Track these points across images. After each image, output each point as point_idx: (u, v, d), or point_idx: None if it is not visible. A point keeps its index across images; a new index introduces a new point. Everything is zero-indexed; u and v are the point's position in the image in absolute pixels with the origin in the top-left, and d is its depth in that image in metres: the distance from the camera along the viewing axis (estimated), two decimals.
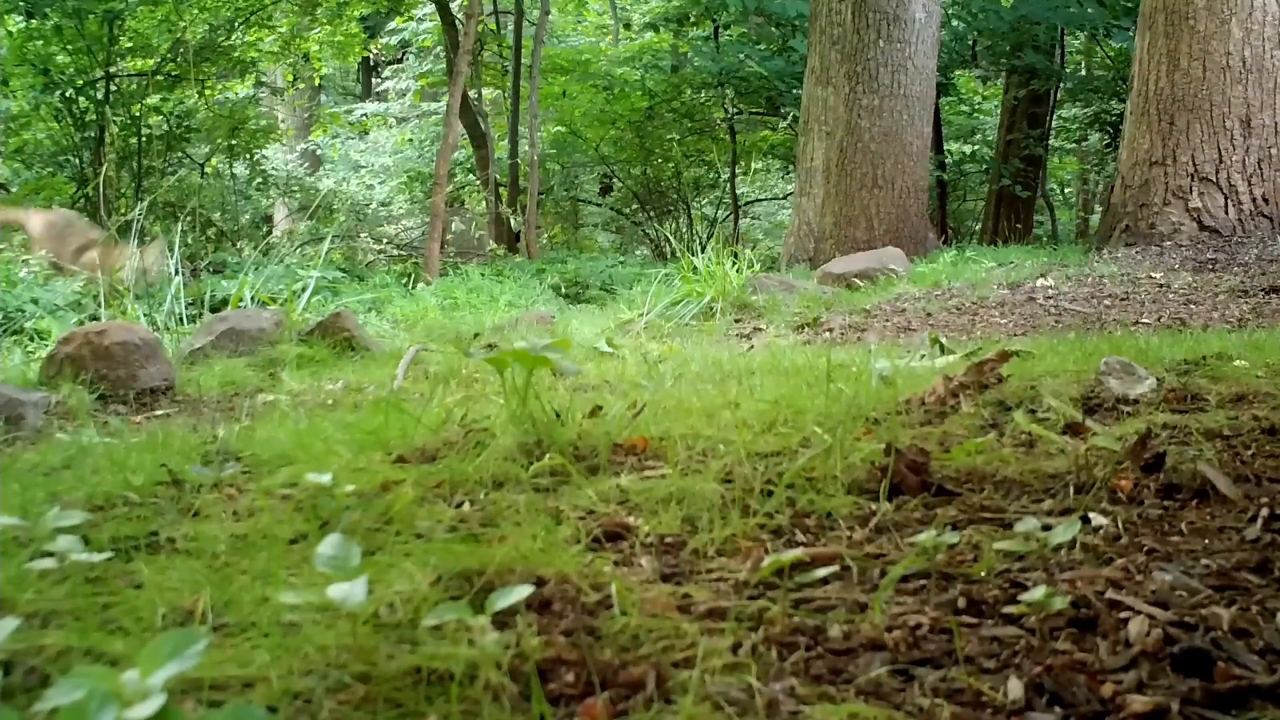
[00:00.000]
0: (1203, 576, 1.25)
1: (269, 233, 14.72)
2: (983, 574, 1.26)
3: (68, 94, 12.22)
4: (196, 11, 13.05)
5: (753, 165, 16.81)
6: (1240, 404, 2.18)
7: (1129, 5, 11.79)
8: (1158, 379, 2.39)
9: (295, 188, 16.84)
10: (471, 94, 15.24)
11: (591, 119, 15.62)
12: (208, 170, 14.56)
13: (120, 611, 1.21)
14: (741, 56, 13.91)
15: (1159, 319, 5.38)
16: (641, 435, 1.92)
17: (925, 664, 1.06)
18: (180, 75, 12.88)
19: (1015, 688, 1.00)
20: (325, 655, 1.06)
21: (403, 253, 16.72)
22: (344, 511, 1.55)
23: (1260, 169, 7.79)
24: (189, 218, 10.64)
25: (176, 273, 6.05)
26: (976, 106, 16.50)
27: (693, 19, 15.05)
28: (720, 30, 15.10)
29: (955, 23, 13.51)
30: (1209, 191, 7.81)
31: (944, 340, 3.49)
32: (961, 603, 1.19)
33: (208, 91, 14.10)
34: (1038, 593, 1.11)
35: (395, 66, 20.44)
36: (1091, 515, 1.46)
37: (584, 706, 0.97)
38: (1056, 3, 12.48)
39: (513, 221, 14.07)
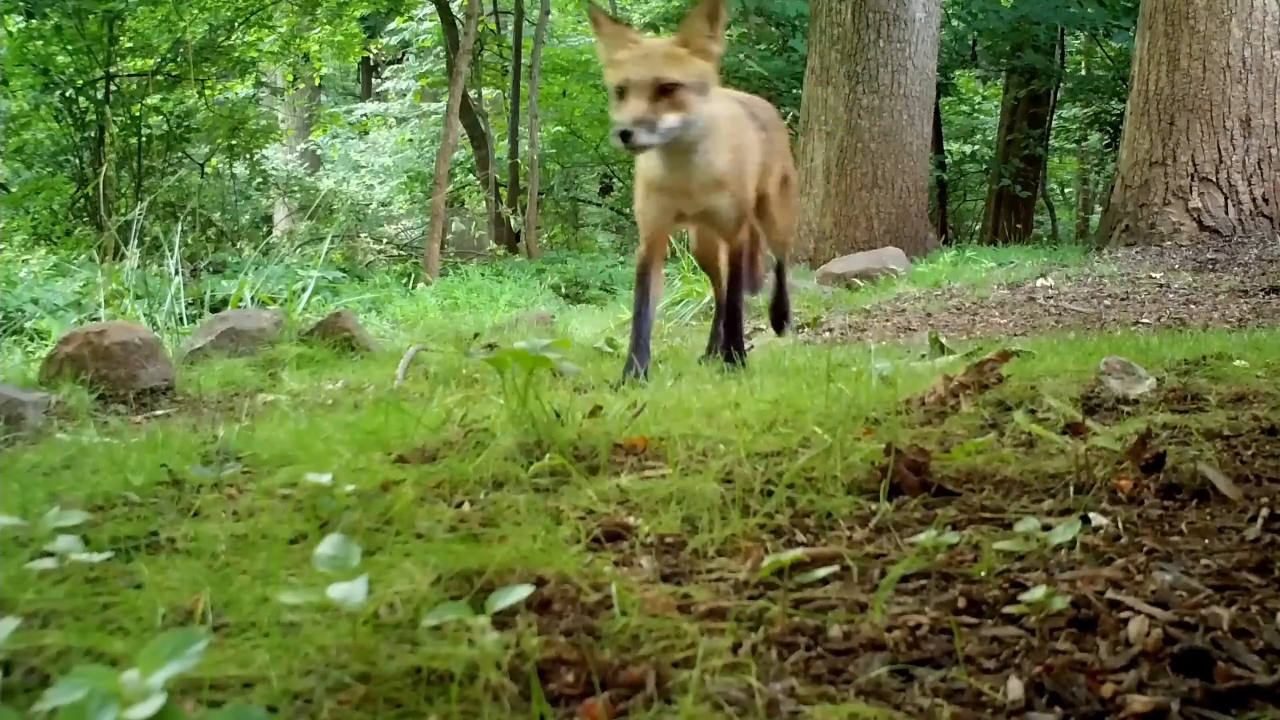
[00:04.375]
0: (1203, 576, 1.25)
1: (269, 233, 14.72)
2: (983, 574, 1.26)
3: (68, 94, 12.22)
4: (196, 11, 13.06)
5: None
6: (1240, 404, 2.18)
7: (1129, 5, 11.79)
8: (1158, 379, 2.39)
9: (295, 188, 16.84)
10: (471, 94, 15.24)
11: (591, 119, 15.61)
12: (208, 170, 14.56)
13: (120, 611, 1.21)
14: (741, 56, 13.91)
15: (1159, 319, 5.38)
16: (641, 435, 1.92)
17: (925, 664, 1.06)
18: (180, 75, 12.89)
19: (1015, 688, 0.99)
20: (325, 655, 1.05)
21: (403, 253, 16.73)
22: (344, 511, 1.55)
23: (1260, 169, 7.79)
24: (189, 218, 10.64)
25: (176, 273, 6.05)
26: (976, 106, 16.50)
27: None
28: None
29: (955, 23, 13.52)
30: (1209, 191, 7.81)
31: (944, 340, 3.49)
32: (961, 603, 1.19)
33: (208, 91, 14.11)
34: (1038, 593, 1.11)
35: (395, 66, 20.45)
36: (1091, 515, 1.46)
37: (584, 706, 0.97)
38: (1056, 3, 12.48)
39: (513, 221, 14.07)
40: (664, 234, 3.49)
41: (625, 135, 2.98)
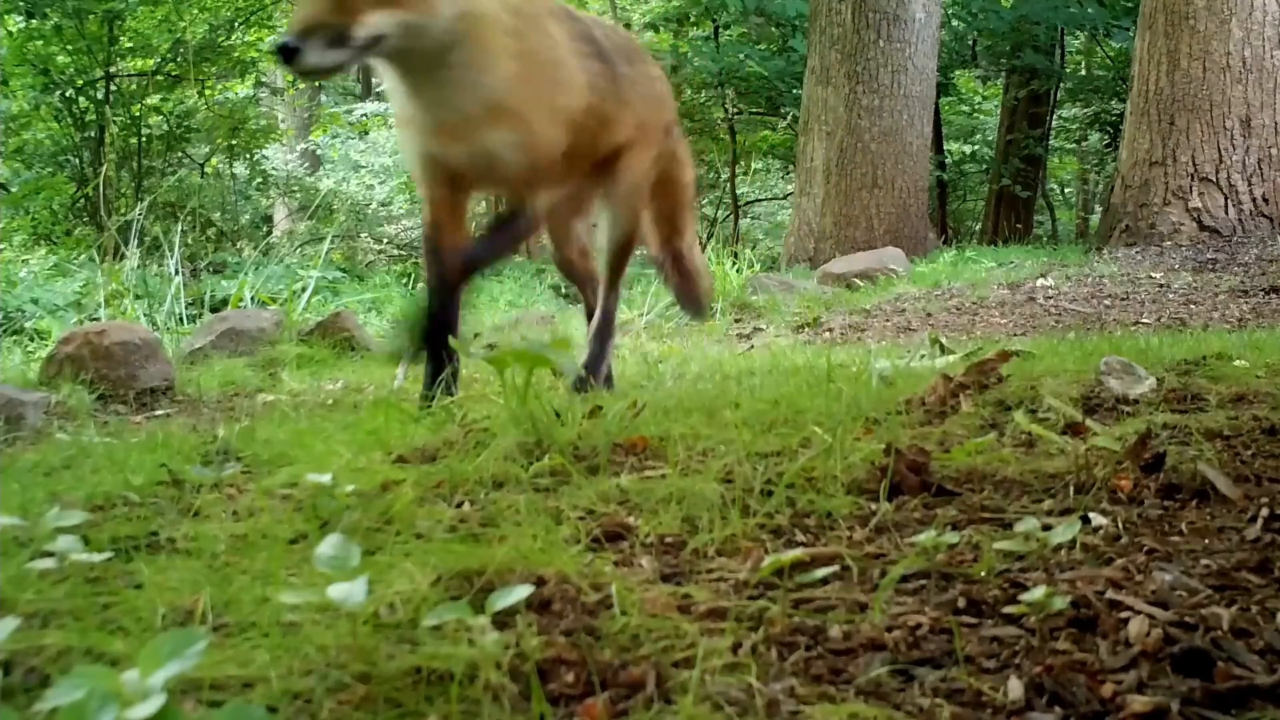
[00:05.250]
0: (1203, 576, 1.25)
1: (269, 233, 14.72)
2: (983, 574, 1.26)
3: (68, 94, 12.22)
4: (196, 11, 13.05)
5: (753, 165, 16.81)
6: (1240, 404, 2.18)
7: (1129, 5, 11.80)
8: (1158, 379, 2.39)
9: (295, 188, 16.84)
10: None
11: None
12: (208, 170, 14.56)
13: (120, 611, 1.21)
14: (741, 56, 13.91)
15: (1159, 319, 5.38)
16: (641, 435, 1.92)
17: (925, 664, 1.06)
18: (180, 75, 12.88)
19: (1015, 688, 0.99)
20: (325, 655, 1.05)
21: (403, 253, 16.72)
22: (344, 511, 1.55)
23: (1260, 169, 7.79)
24: (189, 218, 10.64)
25: (176, 273, 6.05)
26: (976, 106, 16.50)
27: (693, 19, 15.04)
28: (720, 30, 15.10)
29: (955, 23, 13.52)
30: (1209, 191, 7.81)
31: (944, 340, 3.49)
32: (961, 603, 1.19)
33: (208, 91, 14.10)
34: (1038, 593, 1.11)
35: None
36: (1091, 515, 1.46)
37: (584, 706, 0.97)
38: (1056, 3, 12.48)
39: None
40: (444, 199, 2.40)
41: (285, 51, 1.92)
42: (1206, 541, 1.37)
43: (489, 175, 2.35)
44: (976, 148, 16.38)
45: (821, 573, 1.27)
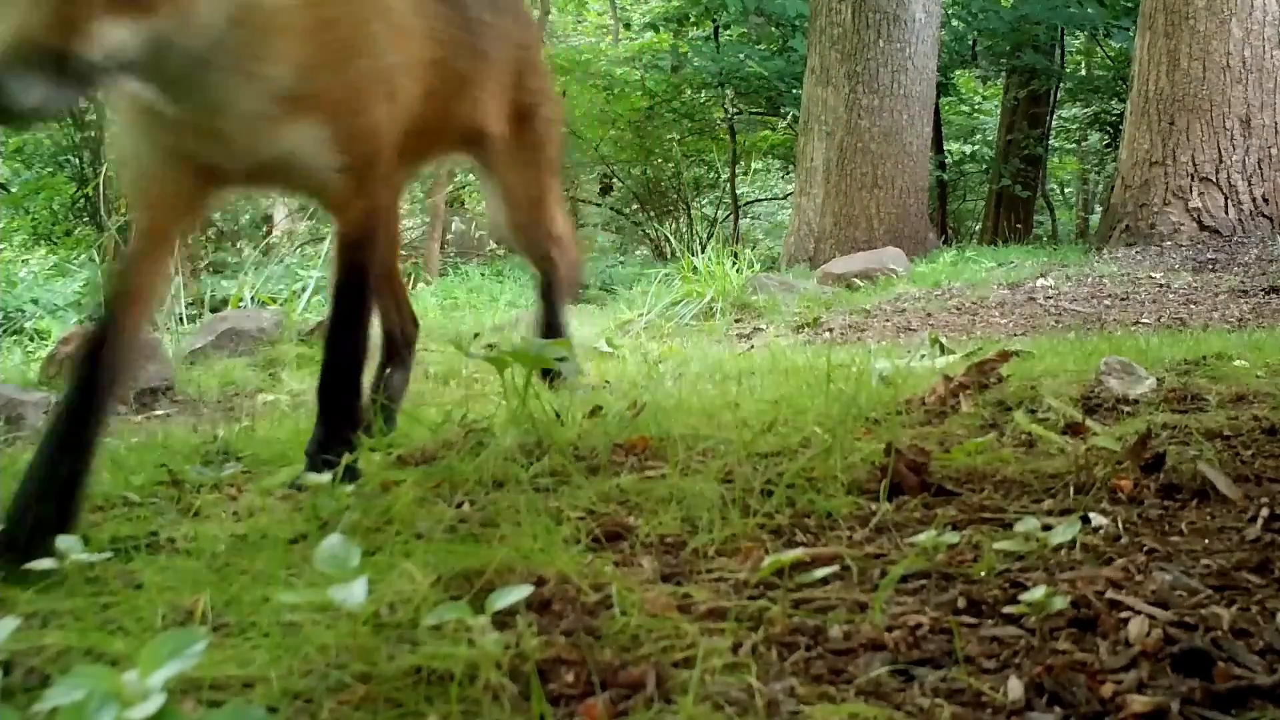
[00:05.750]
0: (1203, 576, 1.25)
1: (269, 233, 14.71)
2: (983, 574, 1.26)
3: None
4: None
5: (753, 165, 16.81)
6: (1240, 404, 2.18)
7: (1129, 5, 11.80)
8: (1158, 379, 2.39)
9: None
10: None
11: (591, 119, 15.60)
12: None
13: (120, 611, 1.21)
14: (741, 56, 13.92)
15: (1159, 319, 5.38)
16: (641, 435, 1.92)
17: (925, 664, 1.06)
18: None
19: (1015, 688, 0.99)
20: (325, 655, 1.05)
21: (403, 252, 16.69)
22: (344, 511, 1.55)
23: (1260, 169, 7.78)
24: None
25: (176, 273, 6.05)
26: (976, 106, 16.50)
27: (693, 19, 15.04)
28: (720, 30, 15.10)
29: (955, 23, 13.51)
30: (1209, 191, 7.81)
31: (944, 340, 3.49)
32: (961, 603, 1.19)
33: None
34: (1038, 593, 1.11)
35: None
36: (1091, 515, 1.46)
37: (584, 706, 0.97)
38: (1056, 3, 12.48)
39: None
40: (169, 207, 1.74)
41: None
42: (1206, 541, 1.37)
43: (295, 184, 1.86)
44: (976, 148, 16.38)
45: (821, 573, 1.27)
